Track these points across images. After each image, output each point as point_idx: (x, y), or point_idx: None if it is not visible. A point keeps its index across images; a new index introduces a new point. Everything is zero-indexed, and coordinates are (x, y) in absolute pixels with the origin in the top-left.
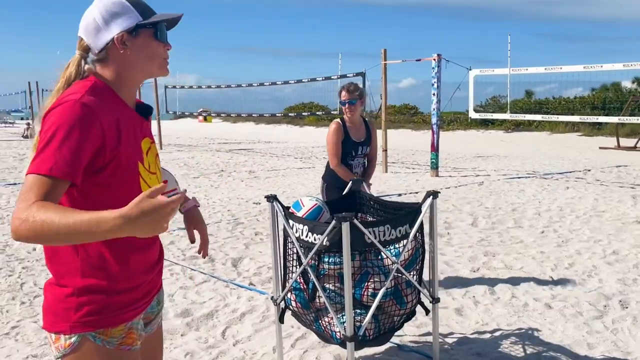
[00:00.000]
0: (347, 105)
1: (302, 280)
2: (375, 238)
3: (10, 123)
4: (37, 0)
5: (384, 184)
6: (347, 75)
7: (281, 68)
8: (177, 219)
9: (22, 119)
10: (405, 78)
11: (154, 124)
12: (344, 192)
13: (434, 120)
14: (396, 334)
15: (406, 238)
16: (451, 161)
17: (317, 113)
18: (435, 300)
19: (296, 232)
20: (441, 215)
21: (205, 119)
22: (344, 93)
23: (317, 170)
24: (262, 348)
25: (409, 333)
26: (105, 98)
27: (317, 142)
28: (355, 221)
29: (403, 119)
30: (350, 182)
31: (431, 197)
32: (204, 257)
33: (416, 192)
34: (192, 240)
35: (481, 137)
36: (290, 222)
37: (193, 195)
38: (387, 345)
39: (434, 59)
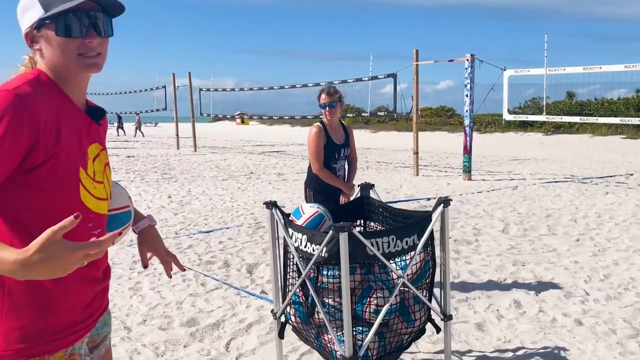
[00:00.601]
0: (327, 109)
1: (302, 294)
2: (379, 250)
3: None
4: None
5: (413, 188)
6: (378, 76)
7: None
8: (197, 223)
9: None
10: (443, 80)
11: (188, 126)
12: (352, 198)
13: (466, 122)
14: (408, 350)
15: (414, 250)
16: (486, 164)
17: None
18: (447, 317)
19: (295, 241)
20: (470, 221)
21: (242, 122)
22: (323, 96)
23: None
24: None
25: (423, 350)
26: (46, 92)
27: None
28: (355, 231)
29: (439, 121)
30: (359, 187)
31: (442, 205)
32: (170, 278)
33: (447, 197)
34: (145, 266)
35: (519, 140)
36: (290, 230)
37: (221, 195)
38: None
39: (467, 60)
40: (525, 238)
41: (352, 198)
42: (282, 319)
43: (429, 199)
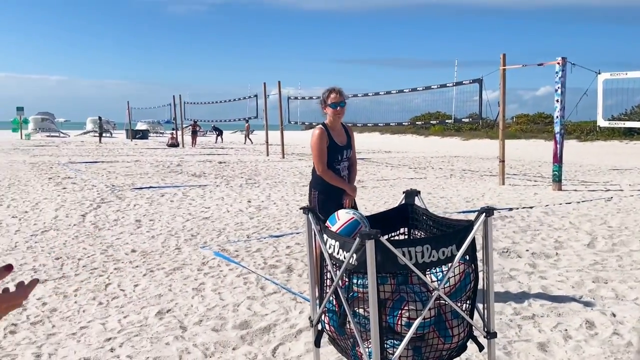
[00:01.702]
0: (338, 108)
1: (336, 302)
2: (412, 260)
3: (160, 133)
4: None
5: (496, 197)
6: (463, 82)
7: (402, 79)
8: (270, 227)
9: (172, 129)
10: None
11: (277, 133)
12: (397, 205)
13: (556, 129)
14: None
15: (451, 261)
16: (581, 174)
17: (447, 122)
18: (490, 335)
19: (329, 247)
20: (553, 234)
21: None
22: (334, 95)
23: (428, 181)
24: None
25: None
26: None
27: (437, 152)
28: (383, 239)
29: (536, 129)
30: (404, 194)
31: (484, 214)
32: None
33: (530, 207)
34: None
35: (623, 149)
36: (325, 236)
37: (298, 201)
38: None
39: (558, 63)
40: (613, 253)
41: (397, 205)
42: (319, 327)
43: (510, 209)
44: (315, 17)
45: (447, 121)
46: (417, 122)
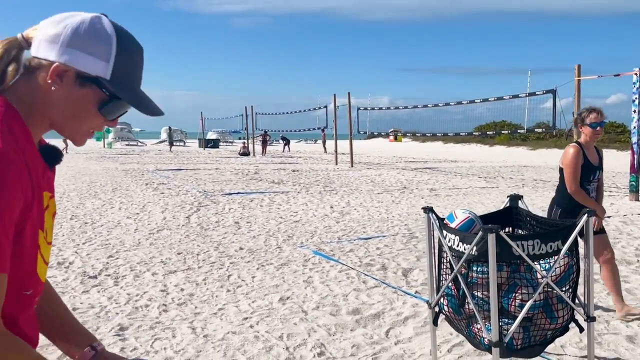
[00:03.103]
0: (598, 128)
1: (454, 287)
2: (524, 251)
3: (230, 142)
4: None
5: None
6: (536, 93)
7: (470, 87)
8: (357, 230)
9: (239, 138)
10: (614, 93)
11: (345, 143)
12: (502, 208)
13: (634, 139)
14: (556, 352)
15: (557, 254)
16: None
17: (520, 131)
18: (590, 318)
19: (449, 241)
20: (633, 242)
21: (395, 138)
22: (594, 115)
23: (500, 190)
24: (420, 349)
25: (570, 353)
26: (17, 135)
27: (505, 162)
28: (502, 233)
29: (607, 138)
30: (508, 198)
31: (586, 215)
32: None
33: (608, 217)
34: None
35: None
36: (444, 232)
37: (376, 207)
38: None
39: (635, 74)
40: None
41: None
42: (436, 309)
43: None
44: (377, 27)
45: (519, 130)
46: (487, 132)
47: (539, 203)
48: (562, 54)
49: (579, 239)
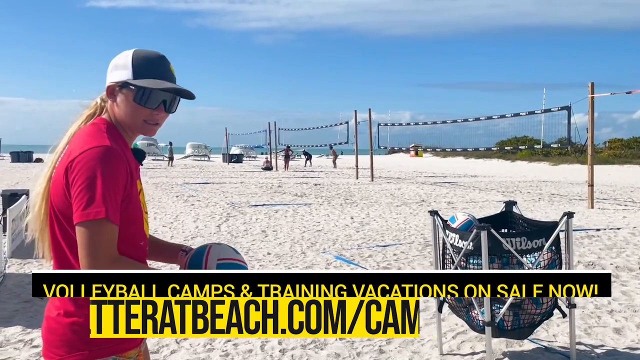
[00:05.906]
0: None
1: None
2: (512, 246)
3: (253, 157)
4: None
5: (584, 219)
6: (552, 109)
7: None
8: (375, 239)
9: (262, 153)
10: None
11: (366, 158)
12: (499, 212)
13: None
14: (546, 338)
15: (541, 249)
16: None
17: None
18: (571, 305)
19: (451, 239)
20: (638, 252)
21: (416, 154)
22: None
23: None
24: (428, 336)
25: (562, 342)
26: (117, 138)
27: (525, 177)
28: (492, 231)
29: (631, 154)
30: (504, 203)
31: (566, 216)
32: None
33: (617, 228)
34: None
35: None
36: (447, 231)
37: (395, 218)
38: (535, 346)
39: None
40: None
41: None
42: (440, 298)
43: (597, 230)
44: (399, 43)
45: (535, 146)
46: (505, 147)
47: (552, 215)
48: (579, 68)
49: (560, 236)
